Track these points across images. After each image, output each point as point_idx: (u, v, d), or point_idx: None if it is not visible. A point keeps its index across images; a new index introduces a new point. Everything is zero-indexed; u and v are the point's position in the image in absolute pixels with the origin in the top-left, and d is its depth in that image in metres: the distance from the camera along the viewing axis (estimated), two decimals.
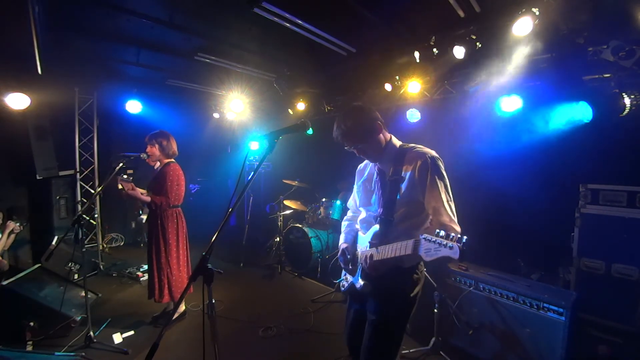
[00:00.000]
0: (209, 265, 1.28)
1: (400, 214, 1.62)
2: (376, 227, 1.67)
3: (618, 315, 2.59)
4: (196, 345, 2.93)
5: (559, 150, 3.19)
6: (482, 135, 3.72)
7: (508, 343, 2.55)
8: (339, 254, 1.92)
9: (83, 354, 2.70)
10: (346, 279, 1.92)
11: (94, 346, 2.82)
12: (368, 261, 1.56)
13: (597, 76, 2.95)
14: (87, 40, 3.81)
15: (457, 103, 4.00)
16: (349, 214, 2.10)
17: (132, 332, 3.13)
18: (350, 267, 1.85)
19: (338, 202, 4.83)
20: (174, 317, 3.29)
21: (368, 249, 1.67)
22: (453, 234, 1.17)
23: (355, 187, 1.97)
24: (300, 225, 4.88)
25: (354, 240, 1.92)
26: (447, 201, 1.54)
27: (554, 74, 3.12)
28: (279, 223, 5.22)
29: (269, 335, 3.19)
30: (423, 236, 1.27)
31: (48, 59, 3.62)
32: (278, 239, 5.27)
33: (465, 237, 1.14)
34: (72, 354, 2.67)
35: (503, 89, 3.41)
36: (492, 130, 3.67)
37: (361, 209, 1.90)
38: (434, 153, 1.63)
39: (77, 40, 3.76)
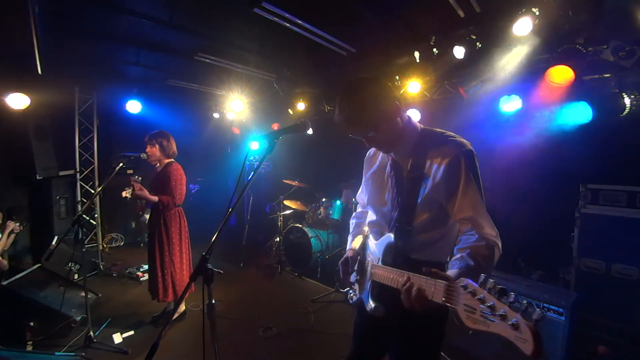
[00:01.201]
0: (209, 265, 1.28)
1: (421, 221, 1.28)
2: (390, 236, 1.31)
3: (618, 315, 2.58)
4: (196, 345, 2.93)
5: (559, 150, 3.19)
6: (482, 135, 3.71)
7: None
8: (341, 260, 1.55)
9: (83, 354, 2.70)
10: (354, 290, 1.58)
11: (94, 346, 2.82)
12: (412, 294, 1.02)
13: (597, 76, 2.95)
14: (87, 40, 3.81)
15: (457, 103, 4.01)
16: (358, 208, 1.77)
17: (132, 332, 3.13)
18: (351, 279, 1.51)
19: (338, 202, 4.83)
20: (174, 317, 3.29)
21: (380, 263, 1.34)
22: (514, 294, 0.74)
23: (364, 178, 1.62)
24: (300, 225, 4.88)
25: (363, 247, 1.55)
26: (485, 209, 1.21)
27: (553, 74, 3.12)
28: (279, 223, 5.22)
29: (269, 335, 3.19)
30: (463, 283, 0.84)
31: (48, 59, 3.62)
32: (278, 239, 5.27)
33: (539, 312, 0.68)
34: (72, 354, 2.67)
35: (503, 89, 3.42)
36: (492, 130, 3.67)
37: (369, 207, 1.55)
38: (469, 145, 1.24)
39: (77, 40, 3.76)
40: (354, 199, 4.64)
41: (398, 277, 1.16)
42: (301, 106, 5.38)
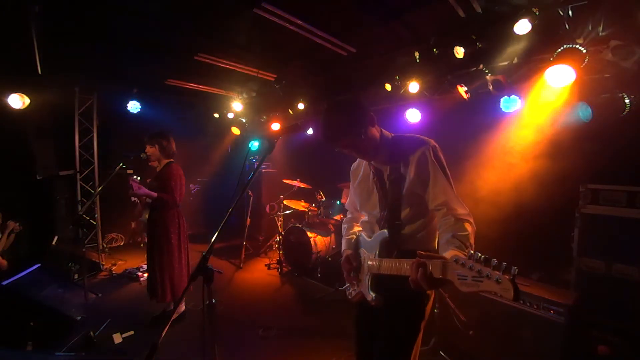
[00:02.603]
0: (209, 265, 1.28)
1: (407, 215, 1.49)
2: (384, 232, 1.51)
3: (618, 315, 2.58)
4: (196, 345, 2.93)
5: (559, 150, 3.19)
6: (482, 135, 3.72)
7: (508, 343, 2.55)
8: (342, 260, 1.72)
9: (83, 354, 2.70)
10: (353, 287, 1.71)
11: (94, 346, 2.82)
12: (419, 272, 1.17)
13: (597, 76, 2.95)
14: (87, 40, 3.81)
15: (456, 103, 4.00)
16: (348, 215, 1.97)
17: (132, 332, 3.13)
18: (353, 276, 1.66)
19: (338, 202, 4.83)
20: (174, 317, 3.28)
21: (377, 257, 1.51)
22: (495, 260, 0.93)
23: (351, 188, 1.83)
24: (300, 225, 4.88)
25: (356, 246, 1.73)
26: (455, 192, 1.42)
27: (553, 74, 3.12)
28: (279, 223, 5.21)
29: (269, 335, 3.19)
30: (455, 258, 1.03)
31: (48, 59, 3.62)
32: (278, 238, 5.27)
33: (515, 268, 0.89)
34: (72, 354, 2.67)
35: (503, 89, 3.41)
36: (491, 130, 3.67)
37: (362, 212, 1.75)
38: (432, 142, 1.48)
39: (77, 40, 3.75)
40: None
41: (398, 264, 1.35)
42: (301, 106, 5.38)
